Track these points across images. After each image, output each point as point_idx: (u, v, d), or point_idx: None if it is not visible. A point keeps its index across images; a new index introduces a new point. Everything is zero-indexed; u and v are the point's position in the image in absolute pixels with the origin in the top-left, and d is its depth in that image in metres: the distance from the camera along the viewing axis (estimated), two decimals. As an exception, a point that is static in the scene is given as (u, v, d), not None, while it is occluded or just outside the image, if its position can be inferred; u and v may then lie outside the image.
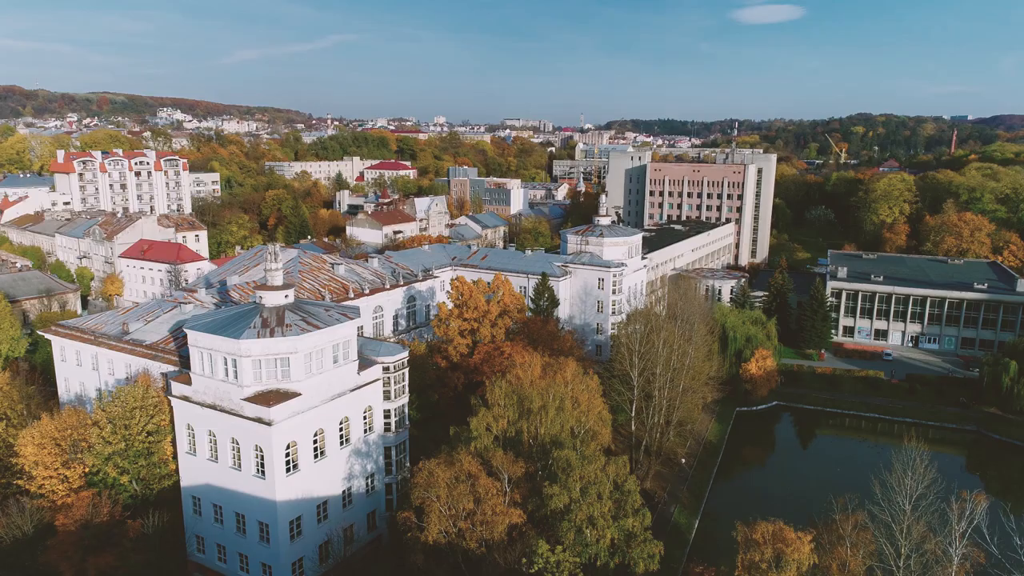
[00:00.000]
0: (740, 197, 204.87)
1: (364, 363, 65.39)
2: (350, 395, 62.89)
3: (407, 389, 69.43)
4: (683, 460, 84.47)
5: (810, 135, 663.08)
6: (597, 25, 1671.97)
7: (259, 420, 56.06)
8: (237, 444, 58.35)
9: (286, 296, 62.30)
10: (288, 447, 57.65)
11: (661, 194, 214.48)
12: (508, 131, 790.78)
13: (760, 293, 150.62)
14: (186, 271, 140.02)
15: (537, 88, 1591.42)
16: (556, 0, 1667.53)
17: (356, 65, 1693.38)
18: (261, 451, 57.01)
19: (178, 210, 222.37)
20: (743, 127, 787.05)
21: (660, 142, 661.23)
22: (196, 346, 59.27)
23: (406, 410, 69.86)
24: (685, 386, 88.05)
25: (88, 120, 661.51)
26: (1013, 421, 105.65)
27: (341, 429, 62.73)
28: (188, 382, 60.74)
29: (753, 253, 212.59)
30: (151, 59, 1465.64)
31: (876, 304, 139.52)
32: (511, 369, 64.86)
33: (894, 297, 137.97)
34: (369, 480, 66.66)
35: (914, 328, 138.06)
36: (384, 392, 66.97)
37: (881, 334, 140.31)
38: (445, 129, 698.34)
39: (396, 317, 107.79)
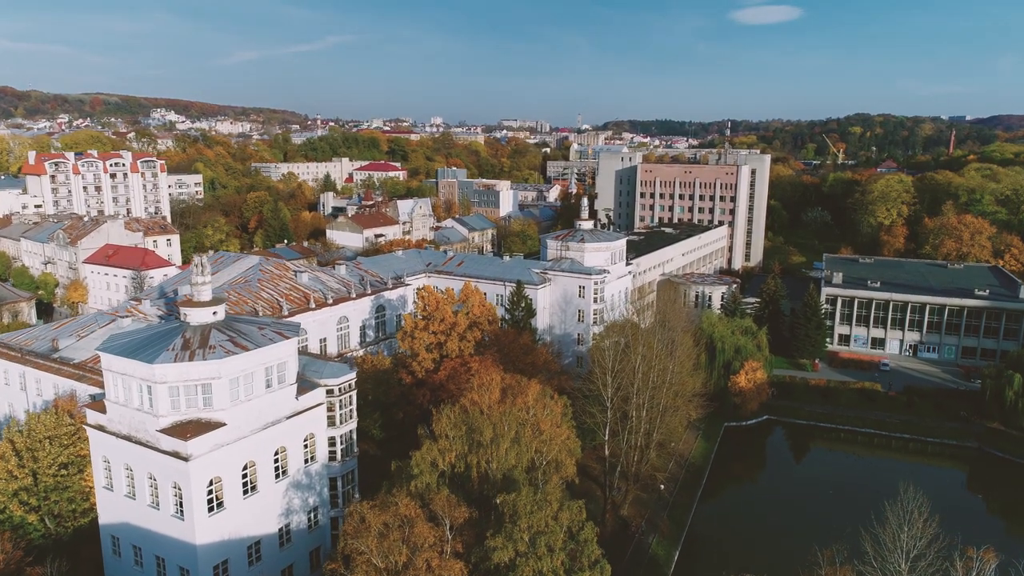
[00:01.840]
0: (733, 199, 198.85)
1: (305, 386, 59.16)
2: (287, 423, 56.67)
3: (355, 413, 63.29)
4: (662, 486, 78.29)
5: (808, 135, 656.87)
6: (595, 26, 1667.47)
7: (175, 455, 49.84)
8: (154, 480, 52.10)
9: (214, 313, 56.06)
10: (211, 483, 51.40)
11: (652, 196, 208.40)
12: (505, 132, 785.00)
13: (752, 299, 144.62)
14: (151, 277, 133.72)
15: (535, 89, 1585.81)
16: (553, 1, 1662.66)
17: (354, 66, 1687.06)
18: (179, 489, 50.78)
19: (156, 212, 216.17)
20: (741, 127, 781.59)
21: (657, 143, 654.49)
22: (110, 370, 53.02)
23: (354, 436, 63.71)
24: (667, 404, 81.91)
25: (80, 121, 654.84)
26: (1017, 438, 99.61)
27: (277, 460, 56.51)
28: (104, 410, 54.51)
29: (747, 256, 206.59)
30: (150, 61, 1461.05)
31: (873, 311, 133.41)
32: (467, 392, 58.68)
33: (891, 304, 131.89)
34: (312, 515, 60.46)
35: (912, 336, 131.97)
36: (328, 417, 60.78)
37: (878, 343, 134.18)
38: (442, 130, 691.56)
39: (364, 328, 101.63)
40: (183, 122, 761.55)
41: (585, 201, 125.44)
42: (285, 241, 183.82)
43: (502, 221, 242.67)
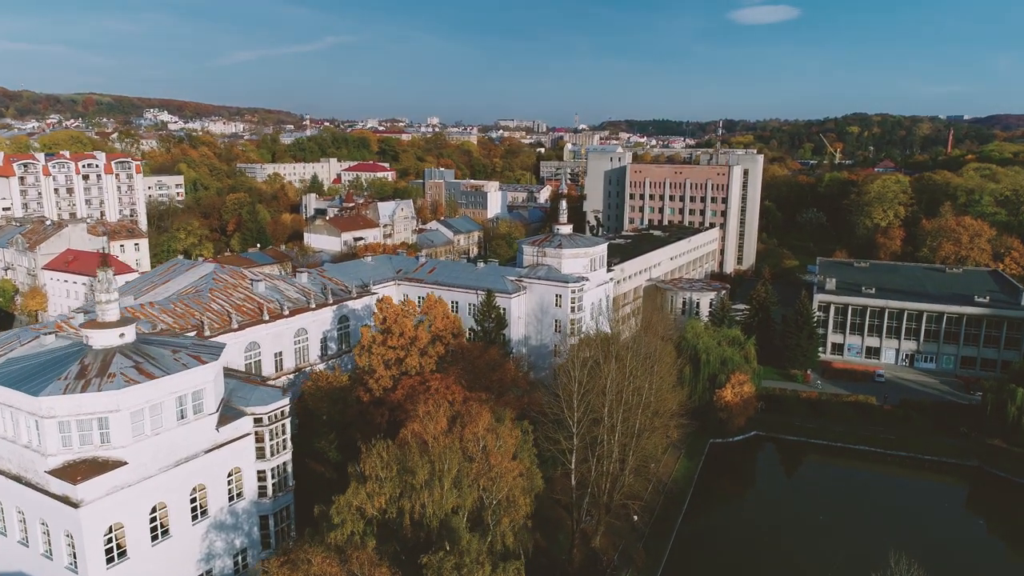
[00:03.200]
0: (725, 200, 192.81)
1: (229, 415, 53.01)
2: (205, 458, 50.52)
3: (289, 443, 57.09)
4: (635, 517, 72.06)
5: (805, 135, 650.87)
6: (593, 25, 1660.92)
7: (65, 499, 43.69)
8: (47, 527, 45.92)
9: (121, 335, 49.85)
10: (110, 531, 45.25)
11: (642, 197, 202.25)
12: (501, 132, 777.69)
13: (743, 306, 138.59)
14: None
15: (532, 89, 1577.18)
16: (551, 0, 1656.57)
17: (352, 66, 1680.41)
18: (72, 538, 44.59)
19: (131, 215, 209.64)
20: (738, 127, 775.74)
21: (654, 142, 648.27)
22: (-2, 401, 46.85)
23: (289, 468, 57.55)
24: (643, 426, 75.66)
25: (70, 122, 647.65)
26: (1020, 456, 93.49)
27: (194, 500, 50.34)
28: (-6, 445, 48.29)
29: (739, 260, 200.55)
30: (147, 61, 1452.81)
31: (868, 319, 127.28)
32: (408, 422, 52.56)
33: (887, 311, 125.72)
34: (239, 558, 54.28)
35: (909, 345, 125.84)
36: (257, 449, 54.64)
37: (873, 352, 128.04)
38: (437, 130, 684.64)
39: (325, 340, 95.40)
40: (175, 122, 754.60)
41: (564, 204, 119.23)
42: (259, 245, 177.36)
43: (489, 223, 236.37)
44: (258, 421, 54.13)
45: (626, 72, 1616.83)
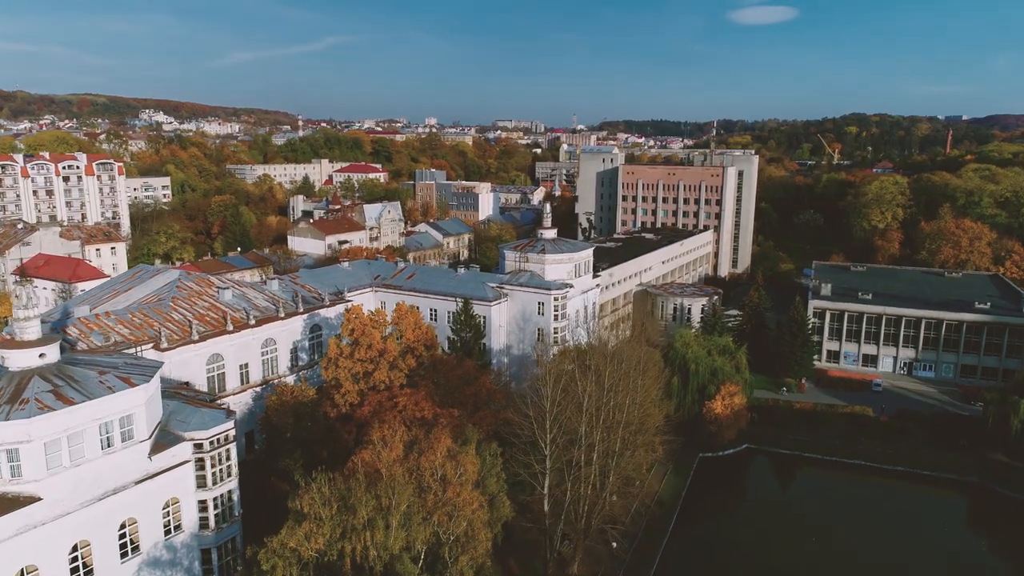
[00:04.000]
0: (719, 202, 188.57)
1: (165, 441, 48.67)
2: (136, 489, 46.20)
3: (235, 470, 52.74)
4: (614, 544, 67.69)
5: (803, 135, 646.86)
6: (591, 25, 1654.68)
7: (-33, 542, 39.35)
8: (-48, 569, 41.59)
9: (42, 355, 45.49)
10: (23, 574, 40.91)
11: (634, 199, 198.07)
12: (499, 132, 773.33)
13: (735, 312, 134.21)
14: (82, 291, 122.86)
15: (531, 90, 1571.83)
16: (550, 0, 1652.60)
17: (350, 67, 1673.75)
18: (-23, 583, 40.30)
19: (113, 218, 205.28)
20: (736, 128, 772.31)
21: (652, 143, 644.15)
22: (-98, 429, 42.47)
23: (235, 497, 53.19)
24: (627, 442, 71.42)
25: (64, 123, 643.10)
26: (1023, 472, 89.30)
27: (123, 536, 46.00)
28: (-100, 477, 43.92)
29: (734, 263, 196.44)
30: (146, 62, 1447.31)
31: (864, 326, 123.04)
32: (359, 449, 48.28)
33: (884, 318, 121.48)
34: (178, 595, 49.93)
35: (907, 353, 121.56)
36: (198, 477, 50.29)
37: (870, 359, 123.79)
38: (435, 130, 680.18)
39: (295, 351, 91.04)
40: (170, 123, 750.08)
41: (548, 207, 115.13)
42: (239, 249, 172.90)
43: (480, 225, 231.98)
44: (198, 447, 49.78)
45: (625, 73, 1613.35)
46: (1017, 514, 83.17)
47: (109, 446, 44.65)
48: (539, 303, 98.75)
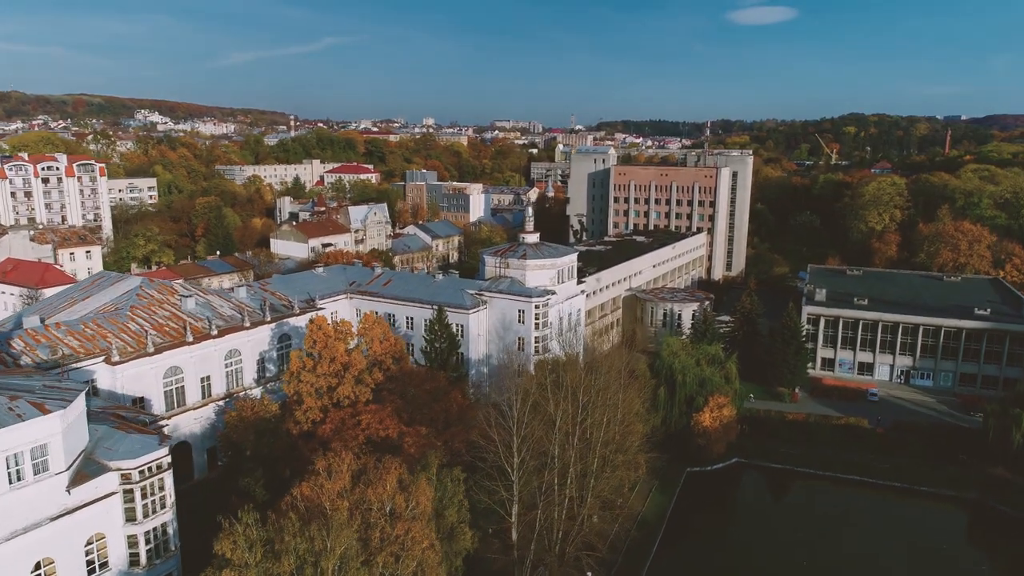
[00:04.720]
0: (713, 204, 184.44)
1: (88, 471, 44.44)
2: (52, 526, 41.99)
3: (169, 501, 48.48)
4: (589, 574, 63.35)
5: (802, 135, 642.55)
6: (590, 26, 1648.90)
7: None
8: None
9: (-54, 380, 41.30)
10: (-87, 626, 36.73)
11: (627, 200, 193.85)
12: (496, 132, 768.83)
13: (727, 318, 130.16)
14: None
15: (529, 90, 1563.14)
16: (549, 0, 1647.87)
17: (348, 67, 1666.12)
18: None
19: (95, 220, 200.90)
20: (735, 128, 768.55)
21: (650, 143, 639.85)
22: None
23: (171, 530, 48.91)
24: (607, 460, 67.30)
25: (57, 123, 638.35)
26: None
27: (38, 577, 41.78)
28: None
29: (728, 266, 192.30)
30: (144, 63, 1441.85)
31: (860, 332, 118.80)
32: (302, 480, 44.03)
33: (881, 324, 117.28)
34: (104, 639, 45.71)
35: (904, 361, 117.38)
36: (127, 510, 46.04)
37: (866, 368, 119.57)
38: (432, 131, 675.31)
39: (262, 362, 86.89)
40: (165, 123, 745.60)
41: (531, 210, 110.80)
42: (218, 252, 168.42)
43: (471, 227, 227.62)
44: (126, 477, 45.54)
45: (623, 73, 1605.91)
46: (1018, 533, 78.99)
47: (19, 479, 40.45)
48: (519, 311, 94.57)
